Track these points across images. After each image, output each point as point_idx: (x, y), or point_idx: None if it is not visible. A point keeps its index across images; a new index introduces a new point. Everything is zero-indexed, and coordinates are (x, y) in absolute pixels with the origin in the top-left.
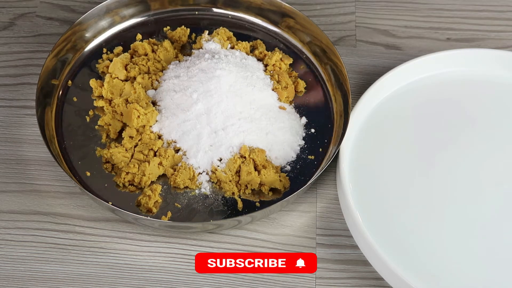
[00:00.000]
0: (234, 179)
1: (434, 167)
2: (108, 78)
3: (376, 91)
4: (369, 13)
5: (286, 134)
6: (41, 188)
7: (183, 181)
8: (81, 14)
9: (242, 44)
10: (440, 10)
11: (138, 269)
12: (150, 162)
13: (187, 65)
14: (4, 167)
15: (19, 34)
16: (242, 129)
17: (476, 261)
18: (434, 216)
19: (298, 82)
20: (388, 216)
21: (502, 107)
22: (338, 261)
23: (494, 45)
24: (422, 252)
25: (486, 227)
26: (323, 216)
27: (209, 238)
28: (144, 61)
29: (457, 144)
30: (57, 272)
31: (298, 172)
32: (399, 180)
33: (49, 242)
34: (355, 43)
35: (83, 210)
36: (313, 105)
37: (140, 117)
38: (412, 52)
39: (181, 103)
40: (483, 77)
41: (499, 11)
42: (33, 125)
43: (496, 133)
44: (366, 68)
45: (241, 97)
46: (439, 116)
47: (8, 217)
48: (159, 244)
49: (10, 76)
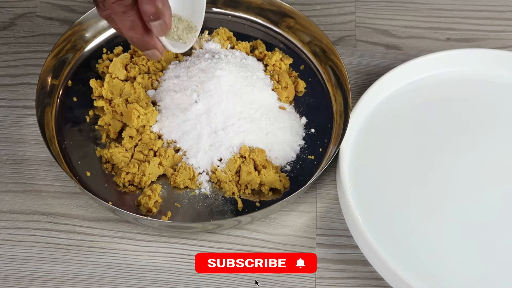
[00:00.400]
0: (234, 179)
1: (434, 167)
2: (108, 78)
3: (376, 91)
4: (369, 13)
5: (286, 134)
6: (41, 188)
7: (183, 181)
8: (81, 14)
9: (242, 44)
10: (440, 10)
11: (138, 269)
12: (150, 162)
13: (187, 65)
14: (4, 167)
15: (19, 34)
16: (242, 129)
17: (476, 261)
18: (434, 216)
19: (298, 82)
20: (388, 216)
21: (502, 107)
22: (338, 261)
23: (494, 45)
24: (422, 252)
25: (486, 227)
26: (323, 216)
27: (209, 238)
28: (144, 61)
29: (457, 144)
30: (57, 272)
31: (298, 172)
32: (399, 180)
33: (49, 242)
34: (355, 43)
35: (83, 210)
36: (313, 105)
37: (140, 117)
38: (412, 52)
39: (181, 103)
40: (483, 77)
41: (499, 11)
42: (33, 125)
43: (496, 133)
44: (366, 68)
45: (241, 97)
46: (439, 116)
47: (8, 217)
48: (159, 244)
49: (10, 76)
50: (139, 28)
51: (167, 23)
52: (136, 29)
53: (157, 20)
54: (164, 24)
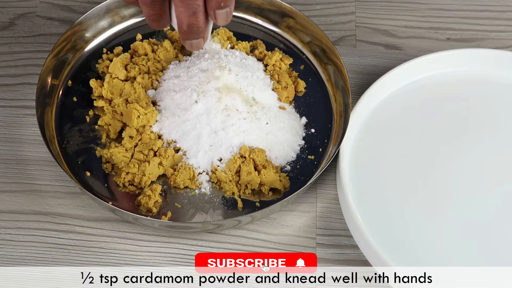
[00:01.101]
0: (234, 179)
1: (434, 167)
2: (108, 78)
3: (376, 91)
4: (369, 13)
5: (286, 134)
6: (41, 188)
7: (183, 181)
8: (81, 14)
9: (242, 44)
10: (440, 10)
11: (138, 269)
12: (150, 162)
13: (187, 65)
14: (4, 167)
15: (19, 34)
16: (242, 129)
17: (477, 261)
18: (435, 216)
19: (298, 82)
20: (388, 216)
21: (502, 107)
22: (338, 261)
23: (494, 45)
24: (422, 252)
25: (487, 227)
26: (323, 216)
27: (209, 238)
28: (144, 61)
29: (457, 144)
30: (57, 272)
31: (298, 172)
32: (399, 180)
33: (49, 242)
34: (355, 43)
35: (83, 210)
36: (313, 105)
37: (140, 117)
38: (412, 52)
39: (181, 103)
40: (483, 77)
41: (499, 11)
42: (33, 125)
43: (496, 133)
44: (366, 68)
45: (241, 97)
46: (439, 116)
47: (8, 217)
48: (159, 244)
49: (10, 76)
50: (201, 15)
51: (232, 11)
52: (198, 15)
53: (226, 7)
54: (230, 12)
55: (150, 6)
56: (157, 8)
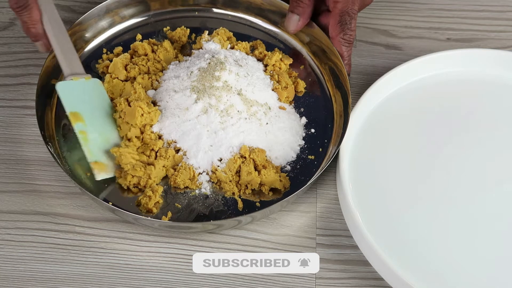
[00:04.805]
0: (234, 179)
1: (434, 167)
2: (108, 78)
3: (376, 91)
4: (369, 13)
5: (286, 134)
6: (41, 188)
7: (183, 181)
8: (81, 14)
9: (242, 44)
10: (440, 10)
11: (138, 269)
12: (155, 165)
13: (187, 65)
14: (4, 167)
15: (19, 34)
16: (242, 129)
17: (477, 261)
18: (435, 216)
19: (298, 82)
20: (388, 216)
21: (502, 107)
22: (338, 261)
23: (494, 45)
24: (422, 252)
25: (487, 226)
26: (323, 216)
27: (209, 238)
28: (144, 61)
29: (457, 144)
30: (57, 272)
31: (298, 172)
32: (399, 180)
33: (49, 242)
34: (355, 43)
35: (83, 210)
36: (313, 105)
37: (144, 115)
38: (412, 52)
39: (181, 103)
40: (483, 77)
41: (499, 11)
42: (33, 125)
43: (496, 133)
44: (366, 68)
45: (241, 97)
46: (439, 116)
47: (8, 217)
48: (159, 244)
49: (10, 76)
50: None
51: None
52: (305, 16)
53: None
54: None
55: (306, 19)
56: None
